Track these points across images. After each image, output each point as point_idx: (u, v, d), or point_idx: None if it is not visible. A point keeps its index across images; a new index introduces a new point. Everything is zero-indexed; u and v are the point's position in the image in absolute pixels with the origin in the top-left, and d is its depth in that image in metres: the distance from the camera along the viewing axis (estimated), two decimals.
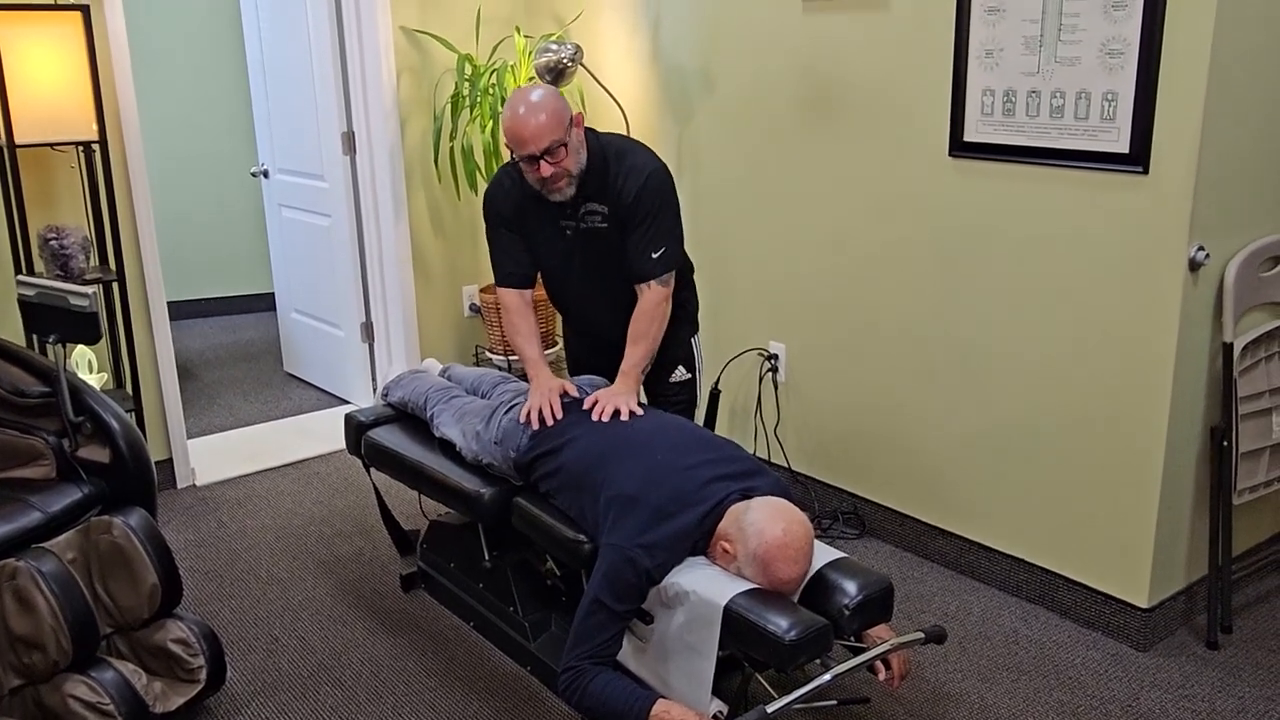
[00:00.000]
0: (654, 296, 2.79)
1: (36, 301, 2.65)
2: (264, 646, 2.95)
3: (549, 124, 2.62)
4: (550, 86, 2.77)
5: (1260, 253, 2.75)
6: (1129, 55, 2.56)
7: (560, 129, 2.63)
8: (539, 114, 2.61)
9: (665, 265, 2.78)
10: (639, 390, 2.80)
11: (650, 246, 2.75)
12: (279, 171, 4.92)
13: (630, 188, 2.72)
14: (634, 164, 2.75)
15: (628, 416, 2.59)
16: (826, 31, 3.28)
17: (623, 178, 2.73)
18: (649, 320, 2.79)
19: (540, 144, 2.62)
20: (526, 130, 2.62)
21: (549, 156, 2.64)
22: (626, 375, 2.77)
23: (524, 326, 2.92)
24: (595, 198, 2.77)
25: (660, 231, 2.76)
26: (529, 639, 2.76)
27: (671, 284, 2.83)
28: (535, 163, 2.65)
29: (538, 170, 2.66)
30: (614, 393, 2.70)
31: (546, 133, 2.61)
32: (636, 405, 2.65)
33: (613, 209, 2.76)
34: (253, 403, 4.90)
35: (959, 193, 3.03)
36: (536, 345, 2.90)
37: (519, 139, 2.64)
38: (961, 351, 3.12)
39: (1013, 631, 2.96)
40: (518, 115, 2.64)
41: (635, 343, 2.80)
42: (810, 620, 2.07)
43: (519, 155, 2.69)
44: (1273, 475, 2.92)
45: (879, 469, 3.45)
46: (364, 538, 3.56)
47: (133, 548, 2.46)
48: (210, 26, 5.98)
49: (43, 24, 3.30)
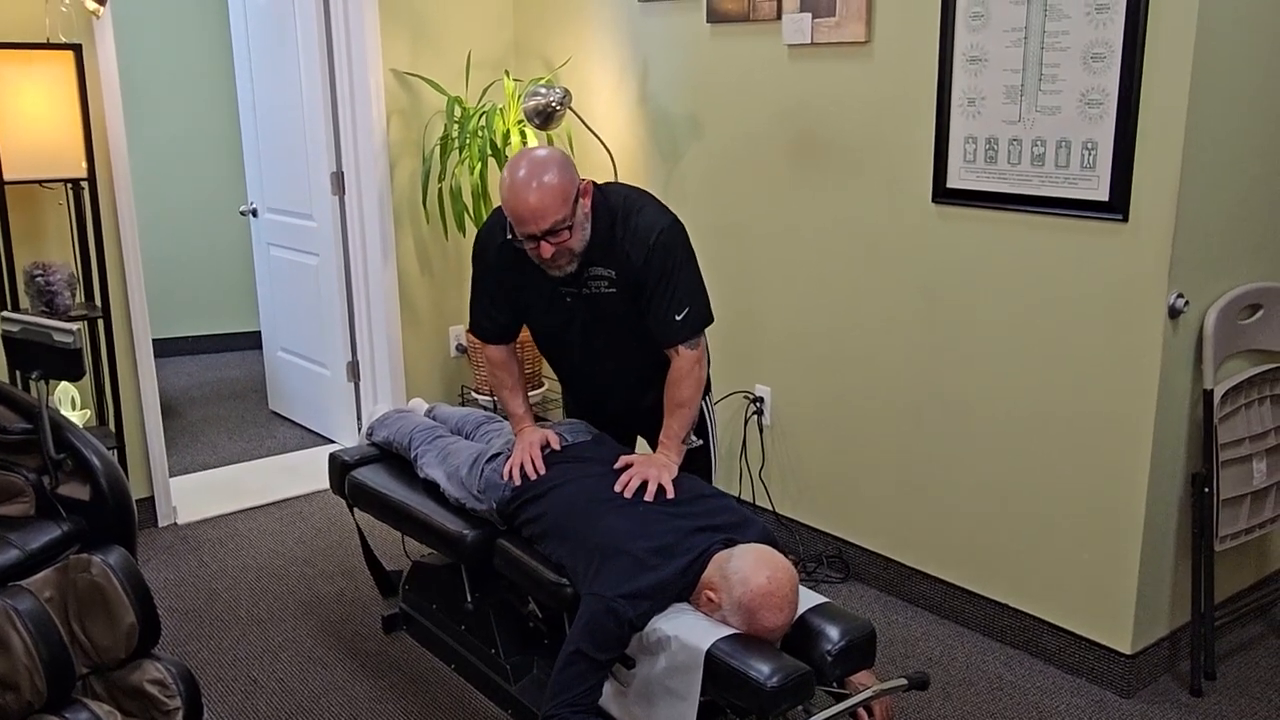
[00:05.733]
0: (685, 361, 2.55)
1: (20, 337, 2.64)
2: (242, 688, 2.92)
3: (553, 203, 2.35)
4: (557, 153, 2.45)
5: (1239, 300, 2.78)
6: (1108, 105, 2.60)
7: (565, 206, 2.36)
8: (542, 191, 2.34)
9: (692, 326, 2.55)
10: (678, 463, 2.55)
11: (673, 309, 2.51)
12: (268, 210, 4.94)
13: (639, 250, 2.48)
14: (640, 224, 2.50)
15: (652, 496, 2.39)
16: (812, 79, 3.33)
17: (629, 240, 2.49)
18: (683, 386, 2.56)
19: (542, 225, 2.36)
20: (527, 208, 2.35)
21: (552, 237, 2.38)
22: (666, 446, 2.55)
23: (508, 379, 2.80)
24: (601, 262, 2.52)
25: (680, 291, 2.52)
26: (510, 681, 2.74)
27: (703, 344, 2.60)
28: (536, 242, 2.40)
29: (538, 249, 2.41)
30: (652, 462, 2.50)
31: (550, 212, 2.35)
32: (670, 482, 2.44)
33: (620, 272, 2.52)
34: (236, 441, 4.87)
35: (942, 238, 3.06)
36: (521, 398, 2.79)
37: (519, 217, 2.37)
38: (945, 396, 3.13)
39: (996, 677, 2.95)
40: (517, 191, 2.35)
41: (672, 412, 2.57)
42: (792, 666, 2.06)
43: (518, 233, 2.42)
44: (1254, 522, 2.93)
45: (863, 513, 3.45)
46: (346, 578, 3.54)
47: (111, 587, 2.43)
48: (201, 66, 6.02)
49: (35, 62, 3.32)
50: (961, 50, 2.90)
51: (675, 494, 2.42)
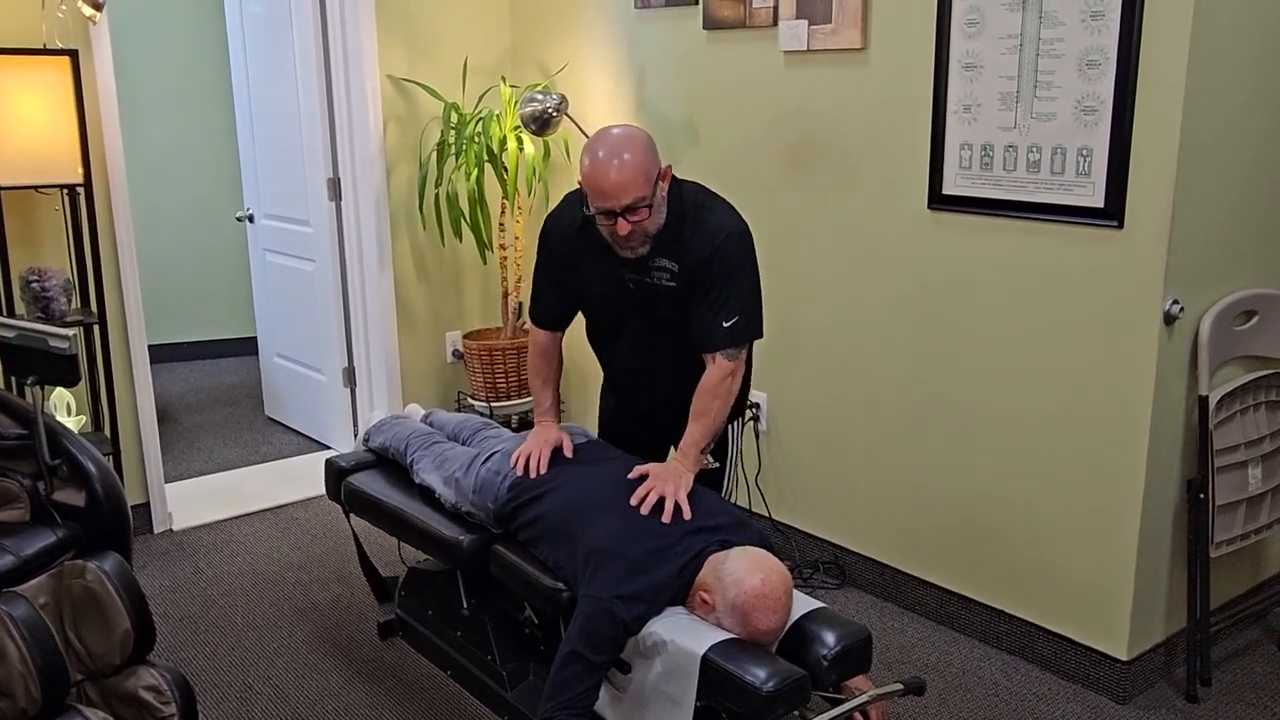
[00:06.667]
0: (719, 371, 2.49)
1: (16, 343, 2.64)
2: (237, 695, 2.91)
3: (635, 179, 2.34)
4: (641, 132, 2.45)
5: (1234, 306, 2.79)
6: (1103, 112, 2.61)
7: (647, 185, 2.36)
8: (626, 167, 2.33)
9: (736, 338, 2.50)
10: (694, 473, 2.48)
11: (722, 315, 2.46)
12: (264, 216, 4.94)
13: (703, 249, 2.45)
14: (711, 222, 2.48)
15: (670, 517, 2.31)
16: (808, 85, 3.33)
17: (696, 237, 2.46)
18: (711, 396, 2.50)
19: (623, 200, 2.34)
20: (608, 182, 2.34)
21: (630, 214, 2.37)
22: (685, 454, 2.49)
23: (544, 369, 2.80)
24: (667, 254, 2.49)
25: (734, 299, 2.47)
26: (506, 688, 2.73)
27: (742, 358, 2.54)
28: (613, 218, 2.38)
29: (614, 225, 2.39)
30: (669, 472, 2.43)
31: (632, 189, 2.34)
32: (685, 500, 2.36)
33: (682, 268, 2.49)
34: (232, 447, 4.87)
35: (938, 244, 3.06)
36: (550, 393, 2.79)
37: (599, 191, 2.36)
38: (941, 402, 3.13)
39: (993, 683, 2.95)
40: (600, 164, 2.35)
41: (695, 420, 2.52)
42: (788, 671, 2.06)
43: (595, 207, 2.40)
44: (1249, 528, 2.93)
45: (860, 519, 3.45)
46: (342, 584, 3.53)
47: (106, 593, 2.43)
48: (198, 72, 6.02)
49: (31, 68, 3.33)
50: (957, 57, 2.91)
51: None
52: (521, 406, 4.26)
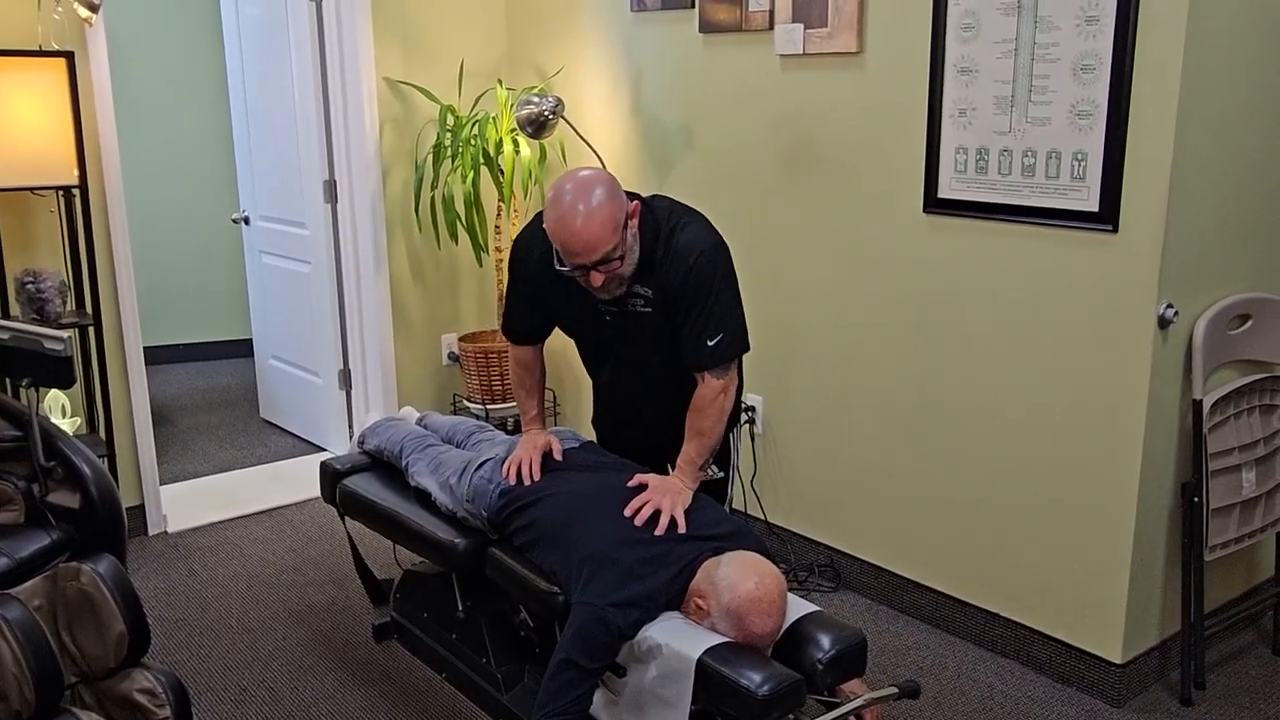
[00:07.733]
0: (710, 390, 2.47)
1: (10, 345, 2.64)
2: (232, 697, 2.91)
3: (603, 234, 2.28)
4: (604, 176, 2.37)
5: (1228, 310, 2.80)
6: (1098, 117, 2.62)
7: (615, 234, 2.30)
8: (592, 223, 2.27)
9: (723, 354, 2.47)
10: (693, 489, 2.47)
11: (705, 333, 2.43)
12: (260, 218, 4.94)
13: (677, 272, 2.42)
14: (681, 242, 2.43)
15: (664, 530, 2.31)
16: (804, 89, 3.34)
17: (669, 260, 2.43)
18: (705, 415, 2.48)
19: (593, 256, 2.30)
20: (575, 241, 2.29)
21: (602, 266, 2.33)
22: (683, 471, 2.47)
23: (527, 380, 2.80)
24: (642, 281, 2.47)
25: (716, 316, 2.44)
26: (501, 691, 2.73)
27: (733, 373, 2.52)
28: (586, 271, 2.35)
29: (587, 278, 2.36)
30: (668, 486, 2.42)
31: (602, 244, 2.29)
32: (682, 514, 2.35)
33: (657, 292, 2.46)
34: (227, 449, 4.86)
35: (933, 248, 3.07)
36: (536, 401, 2.80)
37: (567, 249, 2.32)
38: (936, 405, 3.14)
39: (988, 687, 2.96)
40: (565, 222, 2.29)
41: (692, 438, 2.50)
42: (783, 675, 2.06)
43: (567, 263, 2.36)
44: (1243, 531, 2.94)
45: (855, 522, 3.45)
46: (337, 587, 3.53)
47: (101, 595, 2.42)
48: (194, 73, 6.02)
49: (27, 69, 3.32)
50: (952, 61, 2.92)
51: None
52: (517, 409, 4.26)
